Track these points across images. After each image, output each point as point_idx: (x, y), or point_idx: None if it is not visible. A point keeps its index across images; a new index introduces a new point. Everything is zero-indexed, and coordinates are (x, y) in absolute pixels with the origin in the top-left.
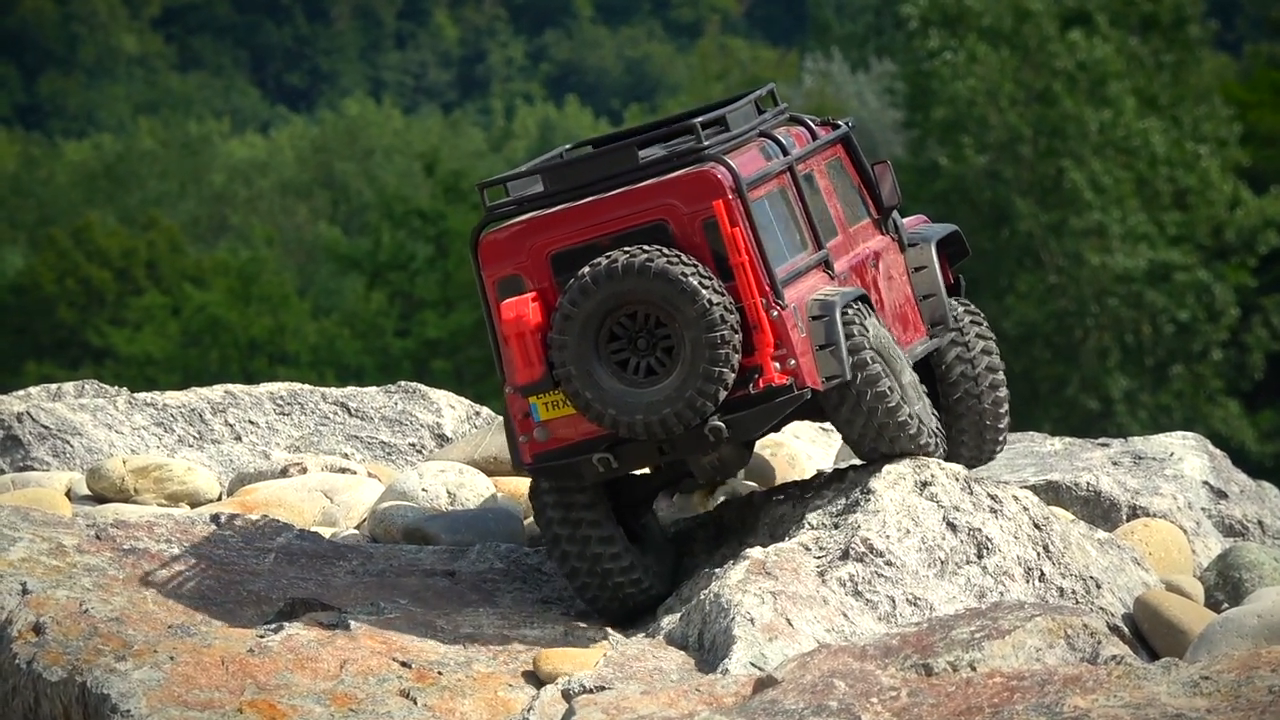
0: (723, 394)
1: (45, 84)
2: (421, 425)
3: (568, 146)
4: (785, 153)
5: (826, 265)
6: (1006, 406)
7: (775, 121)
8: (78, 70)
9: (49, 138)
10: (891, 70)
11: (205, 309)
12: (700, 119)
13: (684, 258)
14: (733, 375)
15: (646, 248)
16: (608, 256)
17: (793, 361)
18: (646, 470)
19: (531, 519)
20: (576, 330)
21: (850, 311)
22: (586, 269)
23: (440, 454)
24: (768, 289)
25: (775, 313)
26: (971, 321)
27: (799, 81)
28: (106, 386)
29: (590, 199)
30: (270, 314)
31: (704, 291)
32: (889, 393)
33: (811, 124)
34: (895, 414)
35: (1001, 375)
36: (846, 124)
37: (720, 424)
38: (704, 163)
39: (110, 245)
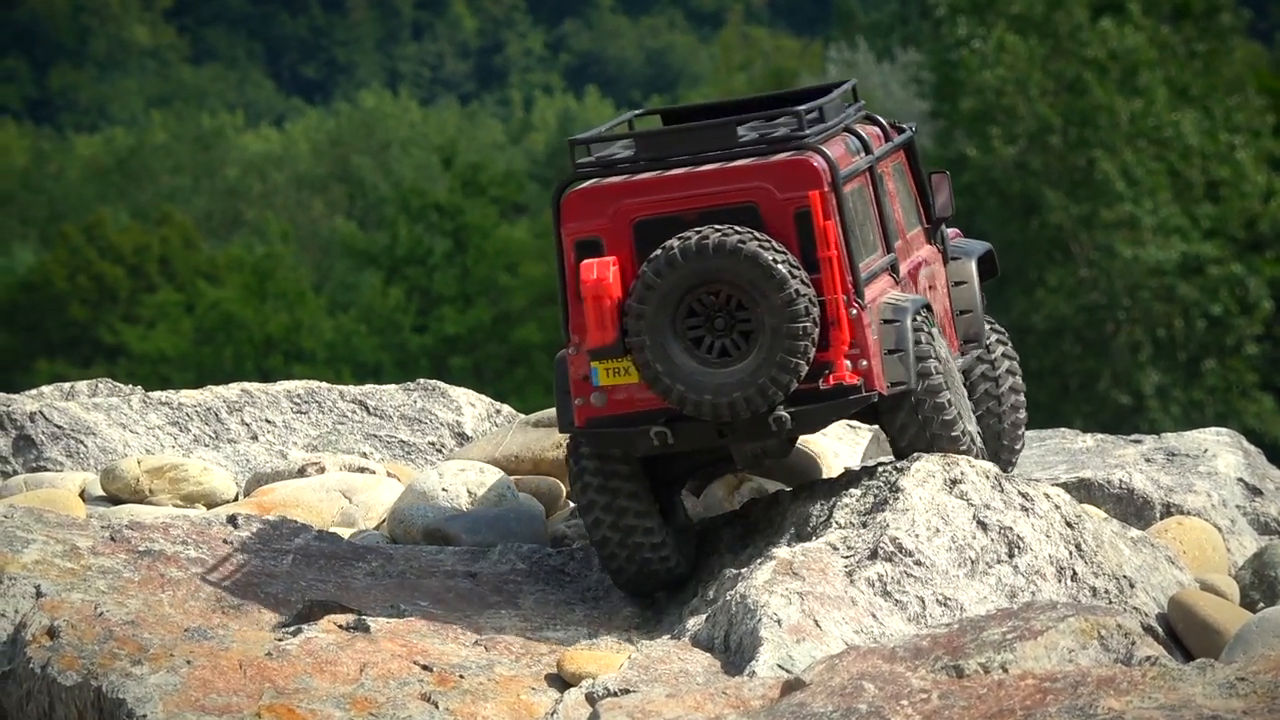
0: (794, 385)
1: (56, 77)
2: (441, 424)
3: (637, 112)
4: (867, 150)
5: (892, 269)
6: (1024, 429)
7: (856, 118)
8: (89, 63)
9: (60, 132)
10: (917, 60)
11: (219, 305)
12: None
13: (775, 244)
14: (806, 368)
15: (738, 229)
16: (698, 232)
17: (864, 362)
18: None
19: (553, 520)
20: (656, 301)
21: (919, 319)
22: (676, 242)
23: (460, 453)
24: (849, 286)
25: (854, 311)
26: (998, 340)
27: (823, 72)
28: (120, 385)
29: (682, 170)
30: (286, 310)
31: (792, 280)
32: (947, 405)
33: (885, 125)
34: (950, 427)
35: (1023, 398)
36: (910, 129)
37: (786, 414)
38: (803, 150)
39: (123, 241)
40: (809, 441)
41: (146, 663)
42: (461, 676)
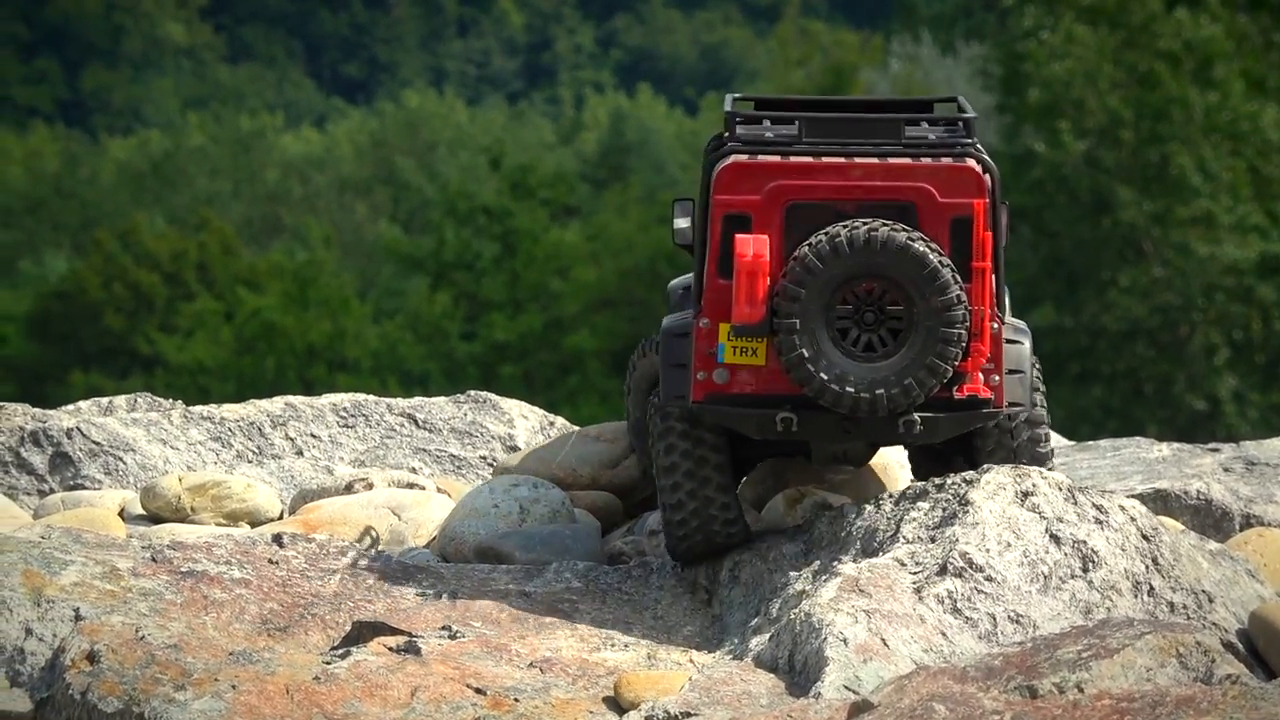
0: (935, 389)
1: (88, 78)
2: (493, 437)
3: (737, 96)
4: (986, 168)
5: None
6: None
7: None
8: (123, 63)
9: (93, 135)
10: (982, 54)
11: (260, 314)
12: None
13: (939, 247)
14: (950, 374)
15: (905, 227)
16: (866, 224)
17: (995, 378)
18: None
19: (610, 536)
20: (815, 288)
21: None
22: (842, 231)
23: (514, 462)
24: (994, 300)
25: (996, 326)
26: None
27: (885, 66)
28: (160, 399)
29: (842, 159)
30: (329, 318)
31: (954, 287)
32: (1045, 434)
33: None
34: (1042, 454)
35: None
36: None
37: (917, 419)
38: (968, 158)
39: (159, 248)
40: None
41: (190, 688)
42: (516, 700)
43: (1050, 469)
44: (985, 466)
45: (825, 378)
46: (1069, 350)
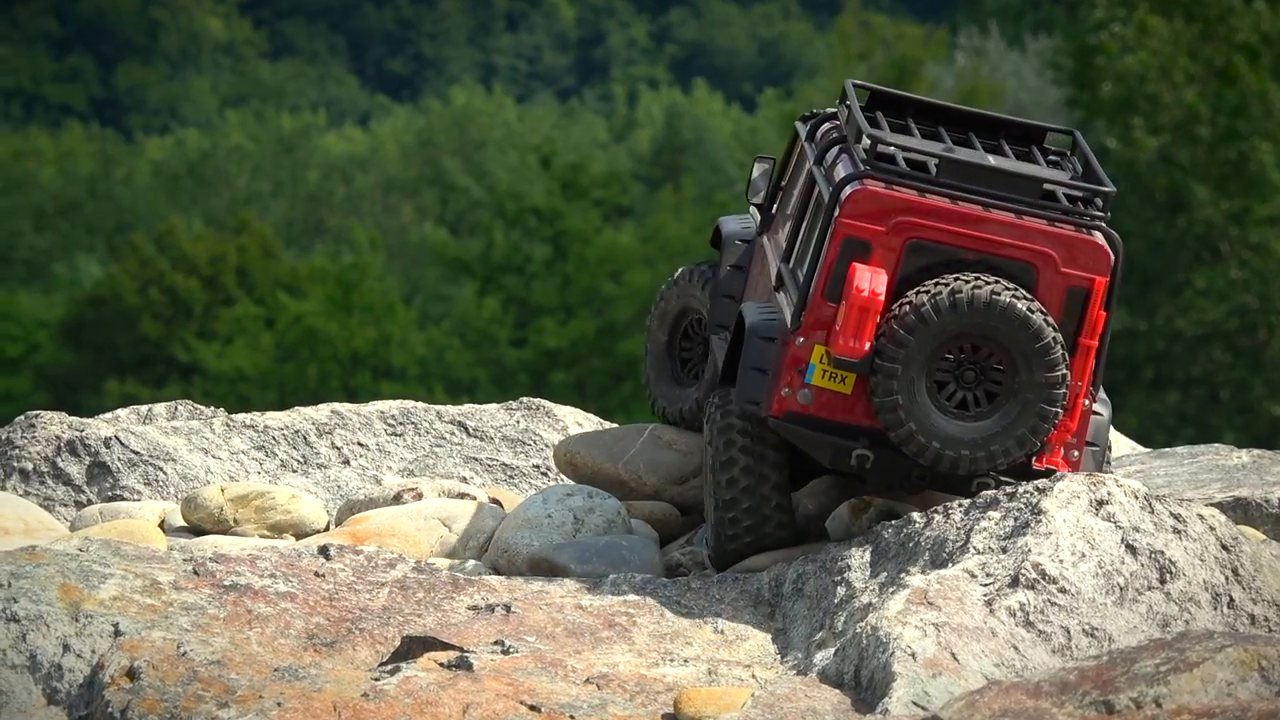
0: (1019, 460)
1: (124, 76)
2: (546, 445)
3: (855, 82)
4: (1114, 245)
5: None
6: None
7: None
8: (159, 60)
9: (128, 135)
10: (1051, 46)
11: (302, 319)
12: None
13: (1055, 322)
14: (1037, 448)
15: (1027, 295)
16: (989, 284)
17: (1075, 454)
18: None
19: (668, 548)
20: (925, 337)
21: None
22: (965, 287)
23: (577, 455)
24: (1092, 379)
25: (1088, 403)
26: None
27: (951, 60)
28: (201, 407)
29: (974, 208)
30: (373, 324)
31: (1063, 365)
32: None
33: None
34: None
35: None
36: None
37: (991, 482)
38: (1098, 232)
39: (197, 251)
40: None
41: (234, 705)
42: (572, 717)
43: None
44: (1058, 474)
45: (914, 427)
46: (1143, 355)
